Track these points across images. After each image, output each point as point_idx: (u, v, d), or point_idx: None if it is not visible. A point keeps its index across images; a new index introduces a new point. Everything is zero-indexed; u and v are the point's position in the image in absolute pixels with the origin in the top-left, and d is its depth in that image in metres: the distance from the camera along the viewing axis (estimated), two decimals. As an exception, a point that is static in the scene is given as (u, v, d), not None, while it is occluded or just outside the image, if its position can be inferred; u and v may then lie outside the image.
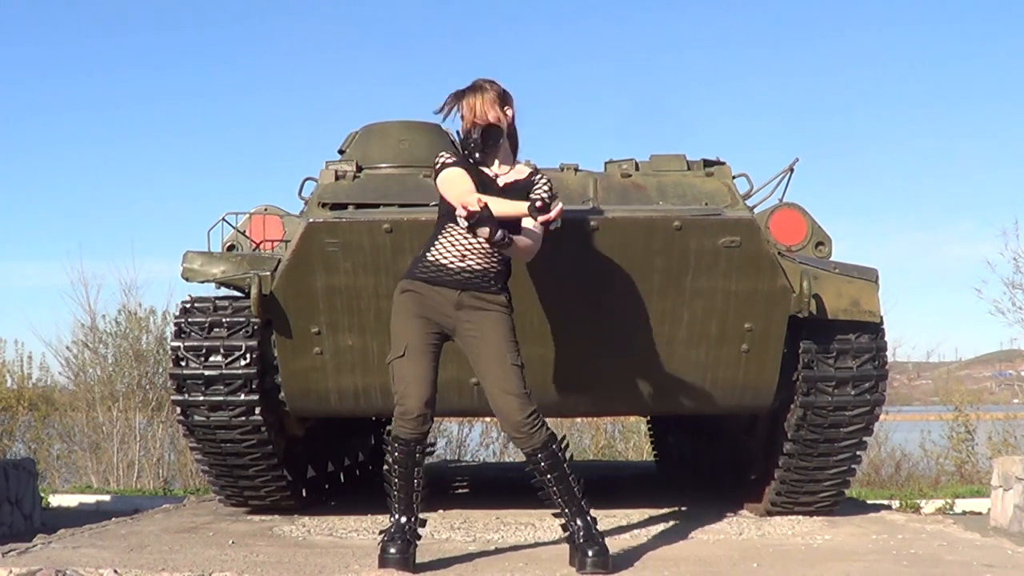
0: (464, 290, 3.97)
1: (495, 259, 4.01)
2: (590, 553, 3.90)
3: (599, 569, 3.88)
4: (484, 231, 3.75)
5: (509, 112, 4.12)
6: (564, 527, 4.03)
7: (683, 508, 5.68)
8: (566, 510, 3.98)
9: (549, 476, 3.96)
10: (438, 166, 4.07)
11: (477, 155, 4.03)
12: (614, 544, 4.55)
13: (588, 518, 3.98)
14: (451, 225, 4.00)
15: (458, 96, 4.08)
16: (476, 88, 4.07)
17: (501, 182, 4.08)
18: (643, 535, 4.83)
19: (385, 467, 4.04)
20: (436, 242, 4.03)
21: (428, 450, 4.07)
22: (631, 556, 4.28)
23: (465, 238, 3.96)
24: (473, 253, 3.97)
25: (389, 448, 4.00)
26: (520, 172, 4.15)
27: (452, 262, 3.97)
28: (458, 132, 4.16)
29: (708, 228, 4.60)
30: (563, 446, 4.02)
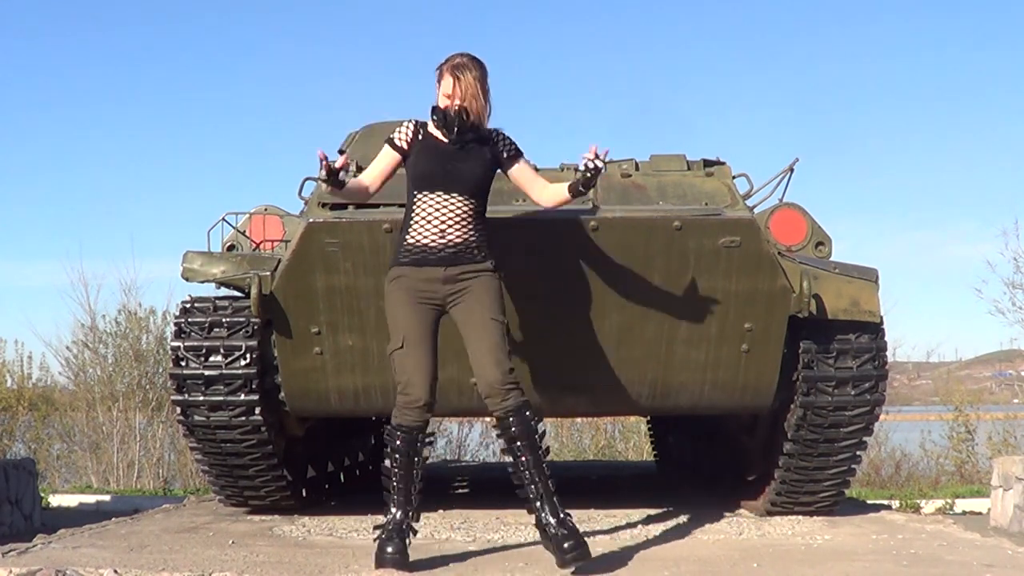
0: (450, 265, 4.00)
1: (474, 228, 4.04)
2: (566, 546, 3.85)
3: (580, 559, 3.85)
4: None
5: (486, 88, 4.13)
6: (530, 510, 3.98)
7: (683, 508, 5.67)
8: (531, 486, 3.94)
9: (520, 443, 3.94)
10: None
11: (453, 135, 4.07)
12: (614, 544, 4.55)
13: (558, 509, 3.92)
14: (420, 199, 4.04)
15: (454, 69, 4.05)
16: (473, 66, 4.06)
17: (459, 145, 4.09)
18: (643, 535, 4.83)
19: (385, 459, 4.05)
20: (411, 222, 4.06)
21: (428, 440, 4.08)
22: (631, 556, 4.28)
23: (439, 211, 4.00)
24: (452, 225, 4.01)
25: (390, 437, 4.01)
26: (476, 133, 4.13)
27: (433, 240, 4.01)
28: (438, 109, 4.10)
29: (708, 228, 4.60)
30: (536, 418, 4.00)
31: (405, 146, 4.14)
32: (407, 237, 4.06)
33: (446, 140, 4.11)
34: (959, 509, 8.74)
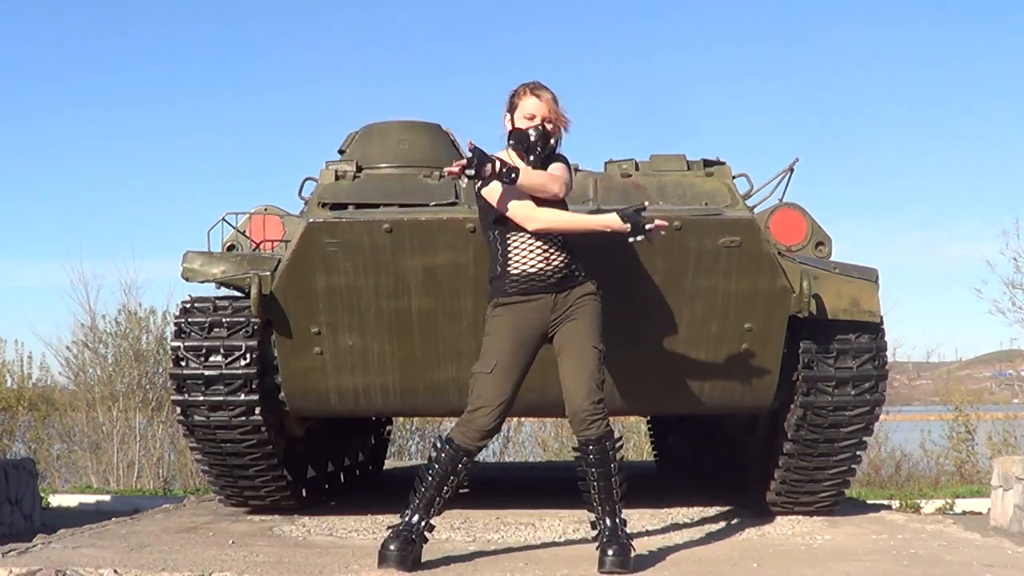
0: (559, 291, 4.01)
1: (570, 250, 4.04)
2: (610, 553, 3.92)
3: (616, 569, 3.90)
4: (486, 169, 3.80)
5: (507, 120, 4.13)
6: (593, 525, 4.05)
7: (683, 508, 5.68)
8: (599, 507, 4.00)
9: (594, 470, 3.98)
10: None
11: (532, 157, 4.05)
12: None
13: (618, 519, 3.99)
14: (513, 234, 4.02)
15: (533, 89, 4.07)
16: (548, 88, 4.08)
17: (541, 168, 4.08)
18: (643, 535, 4.83)
19: (425, 463, 4.07)
20: (511, 254, 4.02)
21: (471, 465, 4.07)
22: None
23: (538, 241, 4.00)
24: (554, 252, 4.01)
25: (438, 446, 4.03)
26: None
27: (540, 268, 4.00)
28: (518, 131, 4.07)
29: (708, 228, 4.60)
30: (616, 447, 4.03)
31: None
32: (511, 268, 4.01)
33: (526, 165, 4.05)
34: (959, 509, 8.73)
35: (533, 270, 4.00)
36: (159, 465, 12.07)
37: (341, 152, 5.95)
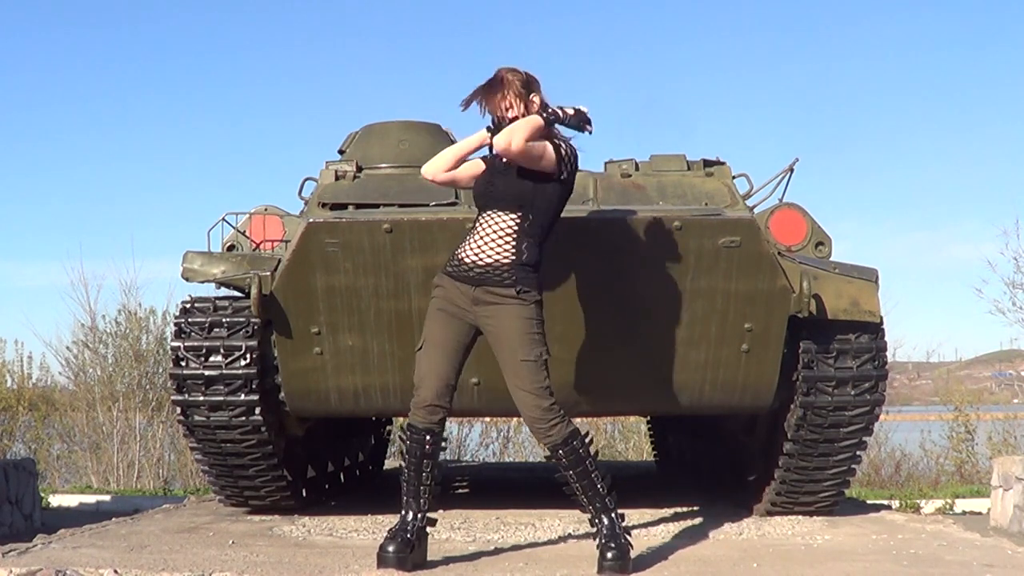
0: (478, 285, 4.00)
1: (513, 247, 3.98)
2: (608, 555, 3.92)
3: (615, 571, 3.90)
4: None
5: (535, 100, 4.04)
6: (591, 523, 4.05)
7: (683, 508, 5.67)
8: (589, 507, 4.00)
9: (571, 473, 3.99)
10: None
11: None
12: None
13: (613, 516, 3.99)
14: (477, 216, 4.06)
15: (482, 91, 4.05)
16: (496, 83, 4.03)
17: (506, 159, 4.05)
18: (643, 535, 4.83)
19: (400, 459, 4.08)
20: (469, 236, 4.08)
21: (440, 444, 4.09)
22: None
23: (483, 228, 4.01)
24: (490, 243, 3.99)
25: (402, 436, 4.05)
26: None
27: (468, 256, 4.02)
28: (493, 121, 4.07)
29: (708, 228, 4.60)
30: (586, 443, 4.02)
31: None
32: (457, 248, 4.08)
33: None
34: (959, 509, 8.73)
35: (463, 256, 4.03)
36: (159, 465, 12.07)
37: (341, 152, 5.95)
